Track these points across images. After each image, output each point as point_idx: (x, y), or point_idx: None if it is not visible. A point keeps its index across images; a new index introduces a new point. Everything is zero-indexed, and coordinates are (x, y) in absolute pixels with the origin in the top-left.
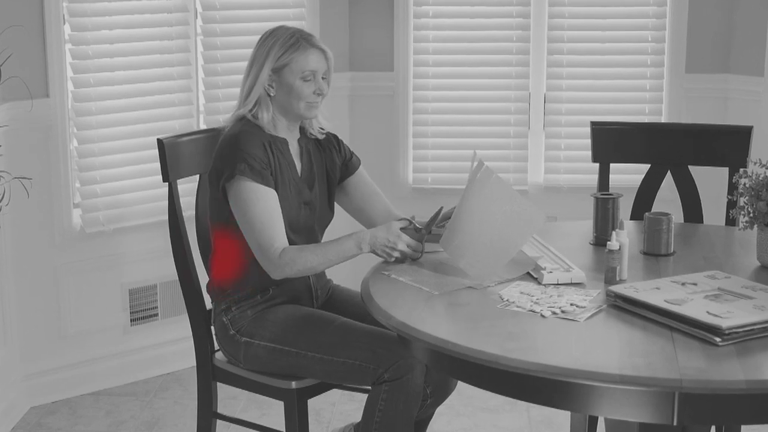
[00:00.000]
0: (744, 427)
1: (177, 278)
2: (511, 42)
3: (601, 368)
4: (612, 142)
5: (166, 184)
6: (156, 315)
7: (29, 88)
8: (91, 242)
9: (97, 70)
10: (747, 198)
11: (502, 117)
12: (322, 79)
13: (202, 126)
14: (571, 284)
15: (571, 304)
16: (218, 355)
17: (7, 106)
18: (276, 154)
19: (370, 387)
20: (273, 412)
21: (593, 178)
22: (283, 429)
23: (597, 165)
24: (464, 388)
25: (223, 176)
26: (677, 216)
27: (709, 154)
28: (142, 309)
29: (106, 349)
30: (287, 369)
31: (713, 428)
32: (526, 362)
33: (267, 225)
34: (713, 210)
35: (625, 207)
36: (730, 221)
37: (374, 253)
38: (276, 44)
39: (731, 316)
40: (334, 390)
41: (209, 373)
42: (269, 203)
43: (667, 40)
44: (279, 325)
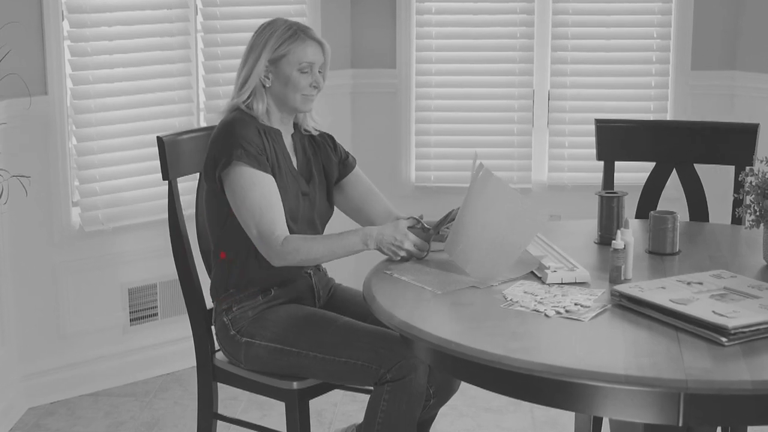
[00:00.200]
0: (750, 428)
1: (177, 277)
2: (514, 39)
3: (606, 368)
4: (617, 139)
5: (166, 182)
6: (156, 315)
7: (27, 85)
8: (90, 241)
9: (96, 67)
10: (753, 196)
11: (506, 115)
12: (319, 72)
13: (203, 123)
14: (575, 283)
15: (576, 304)
16: (219, 355)
17: (5, 104)
18: (271, 142)
19: (373, 387)
20: (274, 413)
21: (598, 177)
22: (284, 430)
23: (602, 163)
24: (467, 388)
25: (219, 164)
26: (683, 214)
27: (715, 152)
28: (141, 309)
29: (106, 349)
30: (288, 369)
31: (719, 429)
32: (530, 362)
33: (267, 211)
34: (719, 208)
35: (630, 205)
36: (736, 220)
37: (380, 250)
38: (274, 35)
39: (737, 315)
40: (335, 390)
41: (209, 373)
42: (268, 188)
43: (672, 37)
44: (280, 325)
